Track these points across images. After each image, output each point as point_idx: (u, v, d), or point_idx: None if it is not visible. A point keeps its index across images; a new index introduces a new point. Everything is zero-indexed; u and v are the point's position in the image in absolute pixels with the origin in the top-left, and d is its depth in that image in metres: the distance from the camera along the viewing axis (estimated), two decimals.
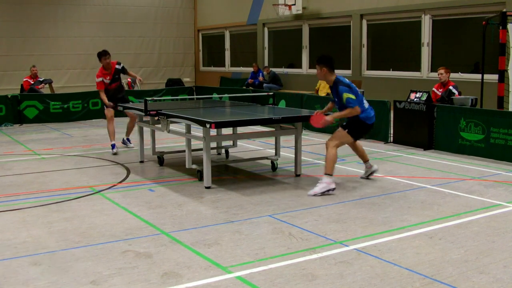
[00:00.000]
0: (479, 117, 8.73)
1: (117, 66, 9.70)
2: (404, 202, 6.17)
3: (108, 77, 9.61)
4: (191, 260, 4.46)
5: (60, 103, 14.24)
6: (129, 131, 10.14)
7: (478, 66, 12.63)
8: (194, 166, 7.29)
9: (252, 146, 10.09)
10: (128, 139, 10.21)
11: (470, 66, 14.04)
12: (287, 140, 9.73)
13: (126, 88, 19.14)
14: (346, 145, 7.08)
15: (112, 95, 9.70)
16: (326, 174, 6.58)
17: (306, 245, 4.78)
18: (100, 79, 9.55)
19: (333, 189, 6.53)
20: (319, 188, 6.49)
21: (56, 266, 4.35)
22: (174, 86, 19.76)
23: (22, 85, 15.47)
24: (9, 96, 13.82)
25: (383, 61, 16.58)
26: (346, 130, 6.82)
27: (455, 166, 8.18)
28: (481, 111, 8.99)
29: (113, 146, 9.52)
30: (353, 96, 6.64)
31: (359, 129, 6.89)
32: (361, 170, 7.79)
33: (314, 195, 6.45)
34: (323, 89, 15.70)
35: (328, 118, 6.75)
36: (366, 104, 6.87)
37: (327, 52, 19.49)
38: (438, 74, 10.15)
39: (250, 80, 18.58)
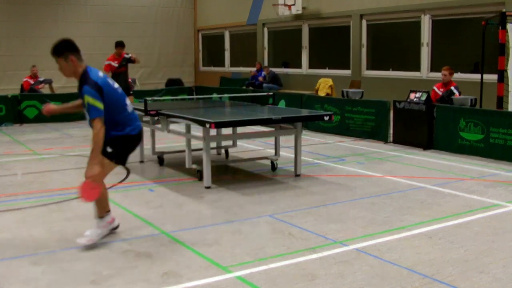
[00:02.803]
0: (479, 117, 8.73)
1: (125, 55, 12.19)
2: (404, 202, 6.17)
3: (116, 62, 12.05)
4: (191, 260, 4.46)
5: (60, 103, 13.98)
6: None
7: (478, 66, 12.63)
8: (194, 166, 7.30)
9: (252, 146, 10.09)
10: None
11: (470, 66, 14.05)
12: (287, 140, 9.73)
13: None
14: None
15: (121, 79, 11.65)
16: (99, 217, 4.95)
17: (306, 245, 4.78)
18: (109, 62, 12.03)
19: (116, 227, 5.09)
20: (91, 235, 4.82)
21: (56, 266, 4.35)
22: (174, 86, 19.77)
23: (22, 85, 15.47)
24: (9, 96, 13.83)
25: (383, 61, 16.59)
26: (112, 158, 4.87)
27: (455, 166, 8.18)
28: (480, 111, 9.00)
29: None
30: (98, 104, 4.58)
31: (125, 147, 4.99)
32: (360, 170, 7.80)
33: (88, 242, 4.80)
34: (323, 89, 15.72)
35: (92, 172, 4.64)
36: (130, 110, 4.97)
37: (327, 52, 19.47)
38: (442, 75, 10.12)
39: (253, 72, 18.83)
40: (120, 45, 12.22)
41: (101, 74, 4.83)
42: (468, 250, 4.65)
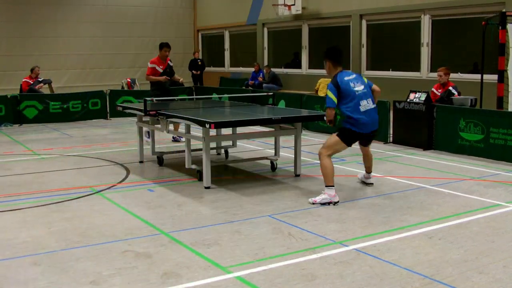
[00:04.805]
0: (479, 117, 8.73)
1: (169, 63, 10.55)
2: (404, 202, 6.17)
3: (162, 67, 10.32)
4: (191, 260, 4.46)
5: (60, 103, 14.23)
6: (175, 127, 9.65)
7: (477, 66, 12.63)
8: (193, 166, 7.30)
9: (252, 146, 10.09)
10: (180, 137, 10.13)
11: (470, 66, 14.05)
12: (286, 140, 9.74)
13: (125, 88, 19.16)
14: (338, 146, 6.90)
15: (164, 84, 10.42)
16: (327, 186, 6.13)
17: (305, 245, 4.78)
18: (154, 65, 10.25)
19: (336, 202, 6.06)
20: (320, 198, 6.09)
21: (56, 266, 4.35)
22: (174, 86, 19.73)
23: (21, 86, 15.45)
24: (9, 96, 13.82)
25: (382, 61, 16.59)
26: (337, 134, 6.35)
27: (455, 166, 8.18)
28: (480, 111, 9.00)
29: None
30: (331, 95, 6.22)
31: (346, 135, 6.34)
32: (361, 170, 7.79)
33: (313, 203, 6.08)
34: (323, 89, 15.70)
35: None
36: (361, 108, 6.26)
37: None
38: (438, 76, 10.10)
39: (250, 82, 18.61)
40: (164, 46, 10.35)
41: (346, 76, 6.40)
42: (468, 250, 4.65)
